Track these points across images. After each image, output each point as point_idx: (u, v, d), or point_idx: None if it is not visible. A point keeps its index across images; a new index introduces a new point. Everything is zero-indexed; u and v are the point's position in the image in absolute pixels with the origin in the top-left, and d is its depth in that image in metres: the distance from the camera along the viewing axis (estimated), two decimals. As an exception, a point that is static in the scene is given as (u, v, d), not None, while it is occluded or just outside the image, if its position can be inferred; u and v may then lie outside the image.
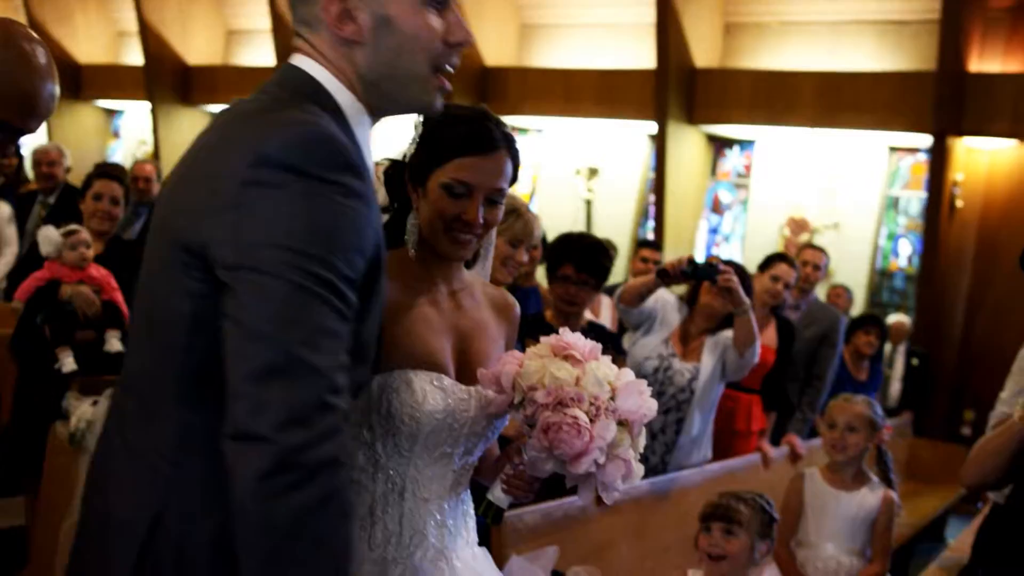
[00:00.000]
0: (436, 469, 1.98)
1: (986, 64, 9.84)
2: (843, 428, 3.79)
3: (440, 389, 1.95)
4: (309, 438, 1.31)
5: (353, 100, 1.55)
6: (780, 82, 10.89)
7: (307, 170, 1.37)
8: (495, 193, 1.96)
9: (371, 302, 1.51)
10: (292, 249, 1.34)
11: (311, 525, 1.31)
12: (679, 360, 4.45)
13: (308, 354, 1.33)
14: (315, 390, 1.33)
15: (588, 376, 1.88)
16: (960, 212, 10.03)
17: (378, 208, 1.53)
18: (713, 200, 12.25)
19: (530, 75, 12.79)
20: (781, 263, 5.31)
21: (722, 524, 3.06)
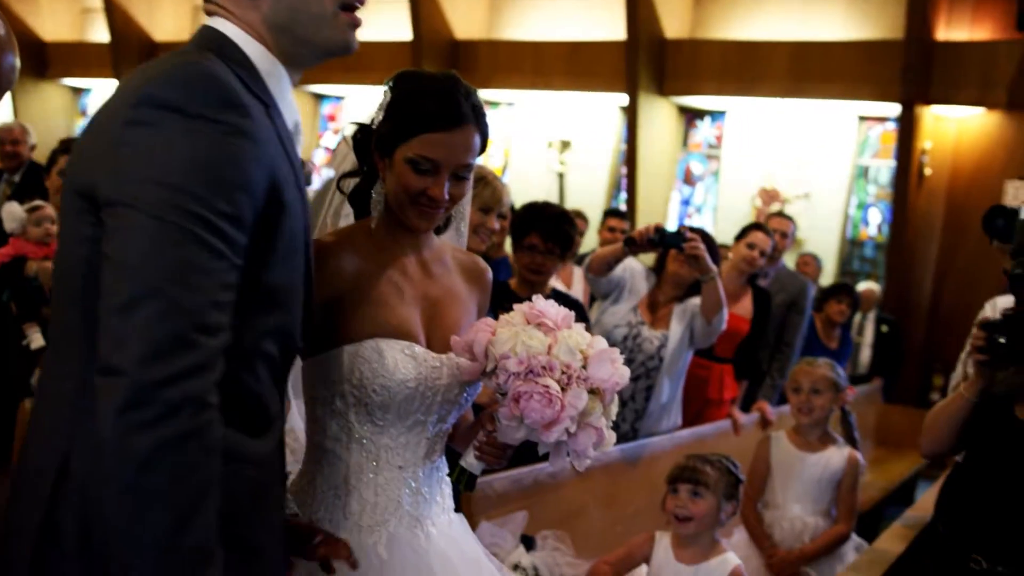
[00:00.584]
0: (410, 437, 1.98)
1: (953, 32, 9.89)
2: (808, 391, 3.84)
3: (411, 358, 1.94)
4: (169, 374, 1.30)
5: (264, 52, 1.56)
6: (750, 52, 10.91)
7: (186, 108, 1.37)
8: (461, 169, 1.95)
9: (275, 244, 1.49)
10: (165, 185, 1.33)
11: (168, 461, 1.30)
12: (648, 328, 4.48)
13: (173, 290, 1.32)
14: (178, 326, 1.31)
15: (560, 344, 1.88)
16: (928, 180, 10.11)
17: (280, 149, 1.52)
18: (685, 171, 12.28)
19: (500, 48, 12.75)
20: (757, 232, 5.34)
21: (689, 486, 3.09)
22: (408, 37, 12.77)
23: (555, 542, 3.20)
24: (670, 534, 3.16)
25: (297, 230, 1.55)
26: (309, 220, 1.65)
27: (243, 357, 1.50)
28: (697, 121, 12.19)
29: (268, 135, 1.47)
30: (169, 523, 1.30)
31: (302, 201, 1.59)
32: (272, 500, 1.63)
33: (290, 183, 1.53)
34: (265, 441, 1.59)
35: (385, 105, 1.97)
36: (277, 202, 1.48)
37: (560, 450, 1.91)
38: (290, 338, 1.62)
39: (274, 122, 1.52)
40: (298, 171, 1.58)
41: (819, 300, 6.99)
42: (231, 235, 1.38)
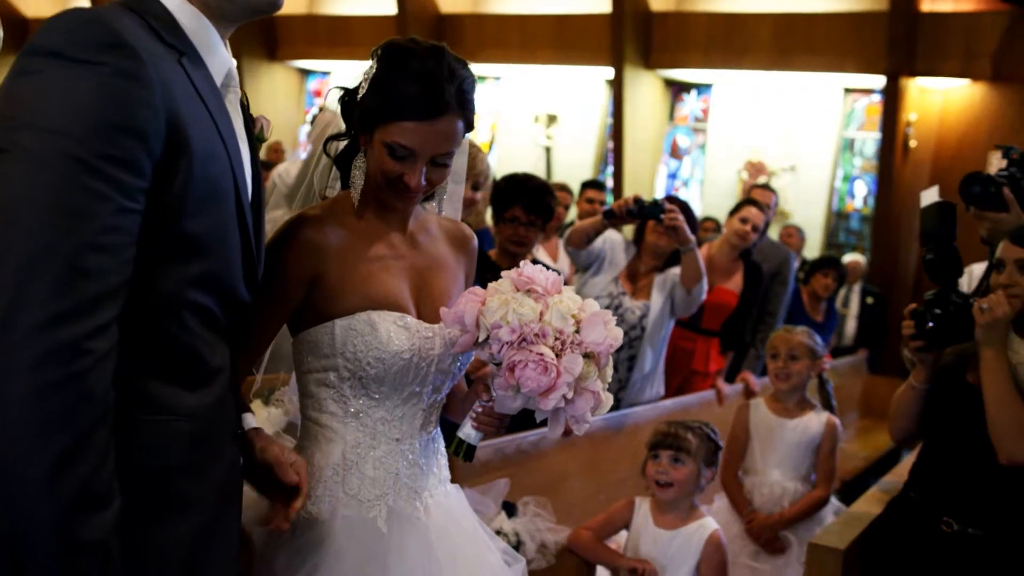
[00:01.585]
0: (406, 409, 1.98)
1: (938, 3, 9.89)
2: (785, 357, 3.87)
3: (404, 328, 1.93)
4: (40, 319, 1.27)
5: (182, 4, 1.55)
6: (736, 24, 10.90)
7: (65, 52, 1.34)
8: (441, 156, 1.91)
9: (185, 192, 1.45)
10: (43, 129, 1.31)
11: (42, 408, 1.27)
12: (629, 298, 4.51)
13: (46, 233, 1.28)
14: (50, 270, 1.28)
15: (552, 310, 1.85)
16: (914, 152, 10.14)
17: (192, 94, 1.50)
18: (671, 145, 12.28)
19: (486, 21, 12.70)
20: (750, 206, 5.36)
21: (670, 452, 3.13)
22: (393, 11, 12.71)
23: (536, 508, 3.23)
24: (650, 500, 3.20)
25: (216, 177, 1.52)
26: (243, 169, 1.62)
27: (165, 306, 1.48)
28: (683, 94, 12.18)
29: (171, 80, 1.44)
30: (47, 470, 1.27)
31: (228, 149, 1.56)
32: (211, 453, 1.60)
33: (205, 129, 1.50)
34: (202, 394, 1.57)
35: (369, 78, 1.91)
36: (180, 148, 1.43)
37: (558, 416, 1.88)
38: (225, 288, 1.60)
39: (186, 69, 1.50)
40: (219, 119, 1.55)
41: (806, 273, 7.03)
42: (118, 177, 1.34)
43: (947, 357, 2.82)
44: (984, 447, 2.61)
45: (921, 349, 2.79)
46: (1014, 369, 2.62)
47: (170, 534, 1.52)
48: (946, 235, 2.80)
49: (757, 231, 5.32)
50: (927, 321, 2.74)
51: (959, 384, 2.77)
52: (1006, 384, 2.58)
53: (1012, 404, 2.57)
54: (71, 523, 1.30)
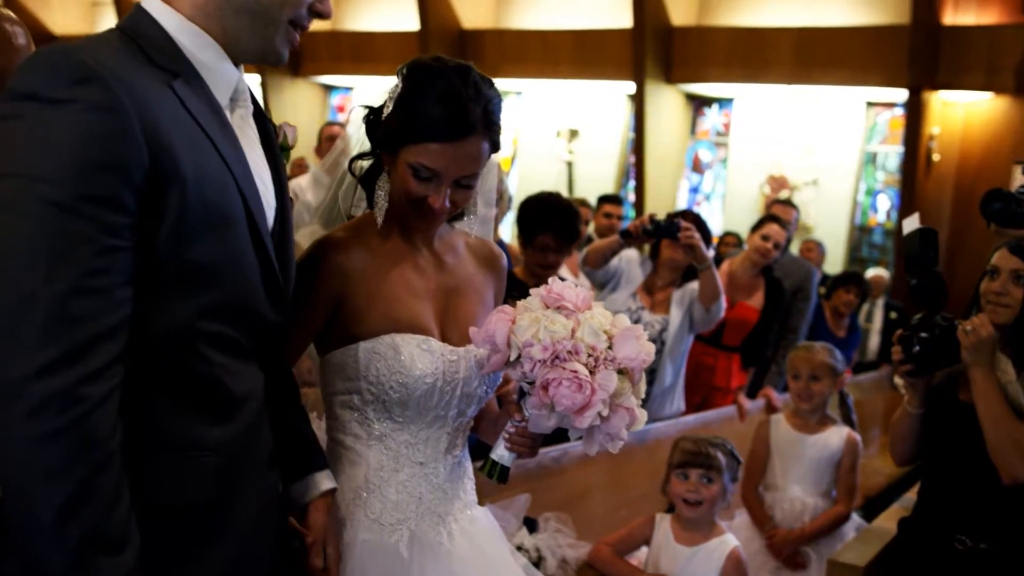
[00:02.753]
0: (430, 432, 1.96)
1: (960, 16, 9.87)
2: (807, 378, 3.87)
3: (428, 352, 1.90)
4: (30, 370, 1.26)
5: (182, 23, 1.51)
6: (757, 38, 10.91)
7: (39, 93, 1.32)
8: (465, 178, 1.89)
9: (181, 220, 1.41)
10: (19, 175, 1.29)
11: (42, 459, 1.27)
12: (648, 312, 4.52)
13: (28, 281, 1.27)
14: (35, 319, 1.27)
15: (583, 327, 1.80)
16: (937, 166, 10.10)
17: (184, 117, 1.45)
18: (693, 159, 12.29)
19: (507, 37, 12.76)
20: (772, 223, 5.34)
21: (701, 470, 3.12)
22: (416, 27, 12.80)
23: (557, 524, 3.25)
24: (670, 516, 3.20)
25: (218, 202, 1.46)
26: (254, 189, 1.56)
27: (179, 338, 1.45)
28: (705, 108, 12.19)
29: (155, 105, 1.39)
30: (53, 518, 1.27)
31: (233, 171, 1.50)
32: (241, 486, 1.56)
33: (200, 152, 1.45)
34: (228, 426, 1.53)
35: (395, 97, 1.89)
36: (168, 176, 1.38)
37: (593, 434, 1.83)
38: (245, 314, 1.55)
39: (177, 92, 1.45)
40: (221, 140, 1.50)
41: (828, 289, 7.00)
42: (100, 216, 1.31)
43: (938, 377, 2.85)
44: (986, 464, 2.63)
45: (911, 373, 2.81)
46: (1004, 388, 2.64)
47: (197, 572, 1.50)
48: (929, 260, 2.83)
49: (778, 248, 5.31)
50: (914, 345, 2.75)
51: (953, 404, 2.79)
52: (999, 404, 2.60)
53: (1007, 423, 2.59)
54: (84, 569, 1.30)
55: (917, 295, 2.84)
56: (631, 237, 4.39)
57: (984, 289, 2.75)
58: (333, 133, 6.30)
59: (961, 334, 2.66)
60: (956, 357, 2.70)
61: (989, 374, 2.63)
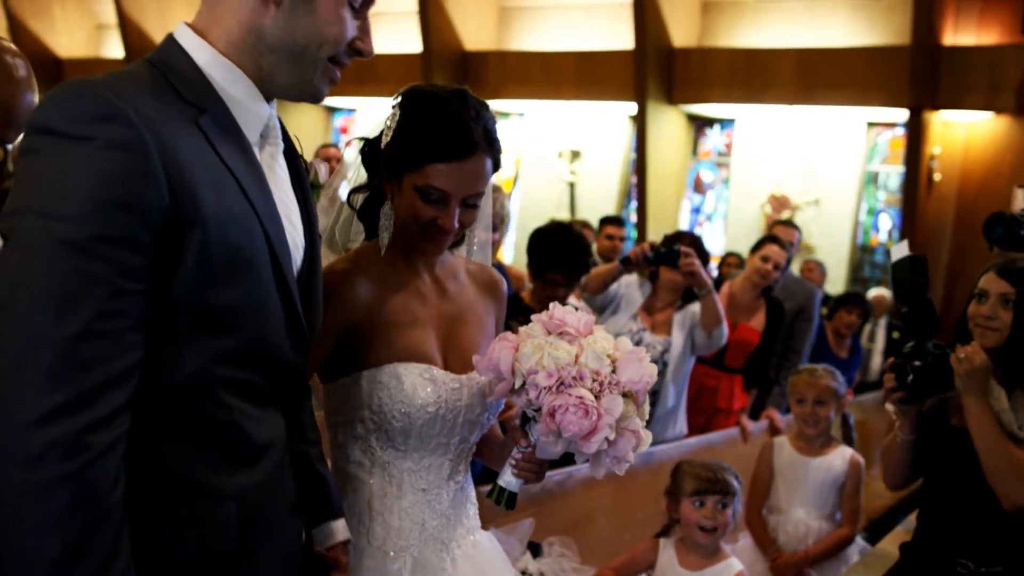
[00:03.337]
0: (433, 459, 1.96)
1: (960, 37, 9.92)
2: (812, 402, 3.87)
3: (430, 381, 1.91)
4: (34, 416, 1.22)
5: (215, 57, 1.47)
6: (758, 59, 10.96)
7: (59, 128, 1.28)
8: (472, 197, 1.90)
9: (202, 262, 1.36)
10: (37, 212, 1.26)
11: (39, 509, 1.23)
12: (649, 334, 4.53)
13: (36, 323, 1.23)
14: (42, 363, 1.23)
15: (587, 352, 1.81)
16: (938, 185, 10.13)
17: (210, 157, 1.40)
18: (695, 179, 12.32)
19: (510, 58, 12.83)
20: (772, 244, 5.34)
21: (717, 497, 3.12)
22: (418, 49, 12.87)
23: (560, 548, 3.25)
24: (674, 541, 3.20)
25: (241, 244, 1.42)
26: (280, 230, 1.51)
27: (197, 384, 1.40)
28: (706, 129, 12.24)
29: (179, 144, 1.35)
30: (47, 570, 1.22)
31: (258, 212, 1.45)
32: (264, 534, 1.52)
33: (224, 193, 1.40)
34: (250, 473, 1.48)
35: (394, 126, 1.90)
36: (189, 217, 1.34)
37: (600, 458, 1.84)
38: (266, 359, 1.50)
39: (204, 129, 1.40)
40: (247, 180, 1.45)
41: (830, 310, 7.01)
42: (115, 257, 1.27)
43: (928, 402, 2.86)
44: (984, 488, 2.63)
45: (903, 401, 2.81)
46: (997, 416, 2.64)
47: None
48: (919, 288, 2.84)
49: (779, 269, 5.32)
50: (908, 374, 2.76)
51: (945, 428, 2.80)
52: (994, 431, 2.60)
53: (1004, 450, 2.59)
54: None
55: (909, 322, 2.85)
56: (631, 264, 4.42)
57: (972, 312, 2.76)
58: (328, 155, 6.33)
59: (955, 361, 2.67)
60: (950, 384, 2.70)
61: (982, 401, 2.64)
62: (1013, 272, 2.71)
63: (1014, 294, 2.68)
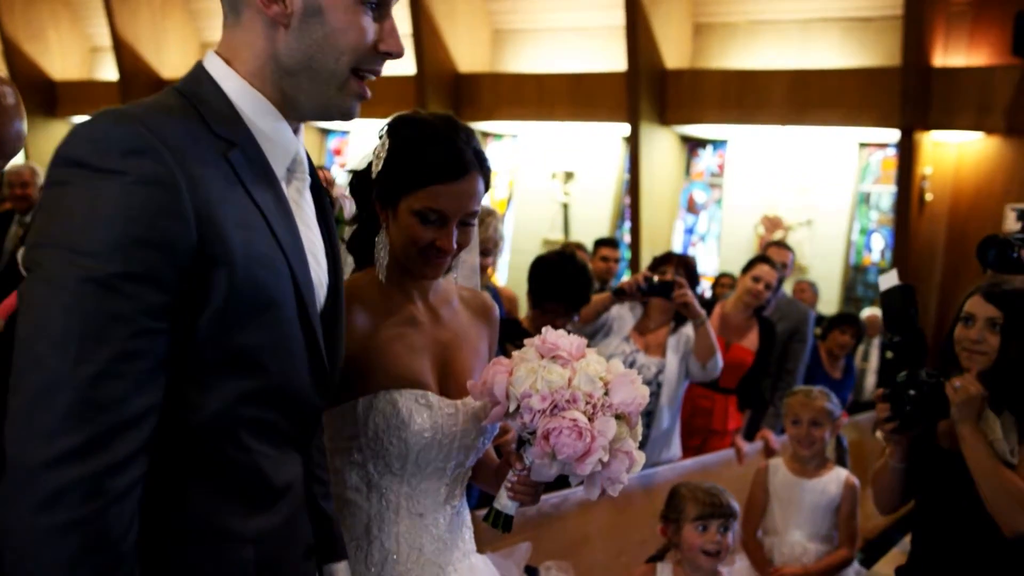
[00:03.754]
0: (429, 484, 1.98)
1: (950, 58, 9.99)
2: (808, 424, 3.89)
3: (426, 407, 1.93)
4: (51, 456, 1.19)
5: (246, 89, 1.44)
6: (750, 81, 11.02)
7: (89, 161, 1.25)
8: (468, 216, 1.94)
9: (227, 302, 1.33)
10: (63, 247, 1.23)
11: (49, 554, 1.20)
12: (643, 355, 4.54)
13: (58, 362, 1.20)
14: (62, 403, 1.20)
15: (579, 375, 1.85)
16: (930, 205, 10.18)
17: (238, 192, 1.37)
18: (688, 200, 12.36)
19: (503, 80, 12.88)
20: (763, 264, 5.37)
21: (720, 521, 3.13)
22: (412, 71, 12.92)
23: (558, 572, 3.25)
24: (672, 565, 3.20)
25: (268, 283, 1.38)
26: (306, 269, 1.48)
27: (217, 426, 1.36)
28: (699, 150, 12.29)
29: (209, 180, 1.32)
30: None
31: (286, 251, 1.42)
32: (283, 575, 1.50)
33: (253, 231, 1.37)
34: (268, 515, 1.45)
35: (384, 154, 1.93)
36: (216, 256, 1.31)
37: (594, 480, 1.88)
38: (289, 400, 1.46)
39: (233, 165, 1.37)
40: (275, 218, 1.42)
41: (824, 330, 7.03)
42: (140, 296, 1.24)
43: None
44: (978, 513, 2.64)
45: (896, 430, 2.82)
46: (991, 444, 2.65)
47: None
48: (910, 317, 2.85)
49: (770, 289, 5.34)
50: (905, 404, 2.76)
51: (935, 451, 2.81)
52: (990, 460, 2.62)
53: (1001, 478, 2.61)
54: None
55: (900, 352, 2.87)
56: (624, 295, 4.45)
57: (959, 336, 2.77)
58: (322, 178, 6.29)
59: (950, 390, 2.68)
60: (945, 413, 2.71)
61: (977, 430, 2.65)
62: (999, 296, 2.73)
63: (1001, 318, 2.70)
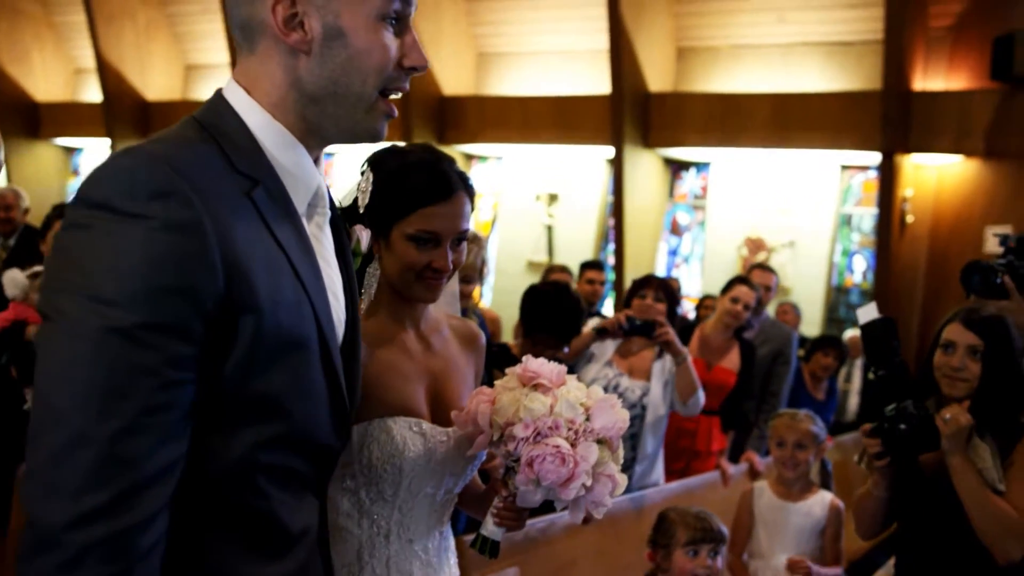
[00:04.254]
0: (420, 510, 2.01)
1: (930, 82, 10.10)
2: (793, 446, 3.92)
3: (420, 435, 1.96)
4: (75, 515, 1.16)
5: (270, 122, 1.38)
6: (732, 104, 11.11)
7: (113, 204, 1.20)
8: (460, 235, 1.99)
9: (251, 348, 1.28)
10: (85, 295, 1.18)
11: None
12: (627, 378, 4.56)
13: (81, 417, 1.16)
14: (85, 460, 1.15)
15: (561, 402, 1.90)
16: (911, 227, 10.26)
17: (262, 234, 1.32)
18: (671, 222, 12.42)
19: (488, 103, 12.93)
20: (741, 285, 5.42)
21: (711, 545, 3.15)
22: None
23: (545, 597, 3.26)
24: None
25: (291, 326, 1.33)
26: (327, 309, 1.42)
27: (236, 474, 1.32)
28: (682, 172, 12.36)
29: (235, 222, 1.27)
30: None
31: (309, 292, 1.37)
32: None
33: (278, 273, 1.32)
34: (283, 562, 1.41)
35: (370, 187, 1.98)
36: (242, 303, 1.26)
37: (579, 503, 1.93)
38: (309, 444, 1.42)
39: (257, 204, 1.32)
40: (298, 258, 1.37)
41: (807, 352, 7.08)
42: (166, 346, 1.19)
43: None
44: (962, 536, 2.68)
45: (881, 457, 2.83)
46: (980, 472, 2.69)
47: None
48: (892, 350, 2.88)
49: (749, 309, 5.38)
50: (896, 437, 2.78)
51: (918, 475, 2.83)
52: (981, 490, 2.66)
53: (992, 508, 2.64)
54: None
55: (886, 386, 2.89)
56: (606, 334, 4.49)
57: (940, 363, 2.81)
58: None
59: (940, 423, 2.71)
60: (936, 445, 2.74)
61: (967, 460, 2.69)
62: (979, 323, 2.77)
63: (982, 346, 2.74)
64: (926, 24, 10.03)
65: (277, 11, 1.35)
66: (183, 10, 15.90)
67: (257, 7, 1.36)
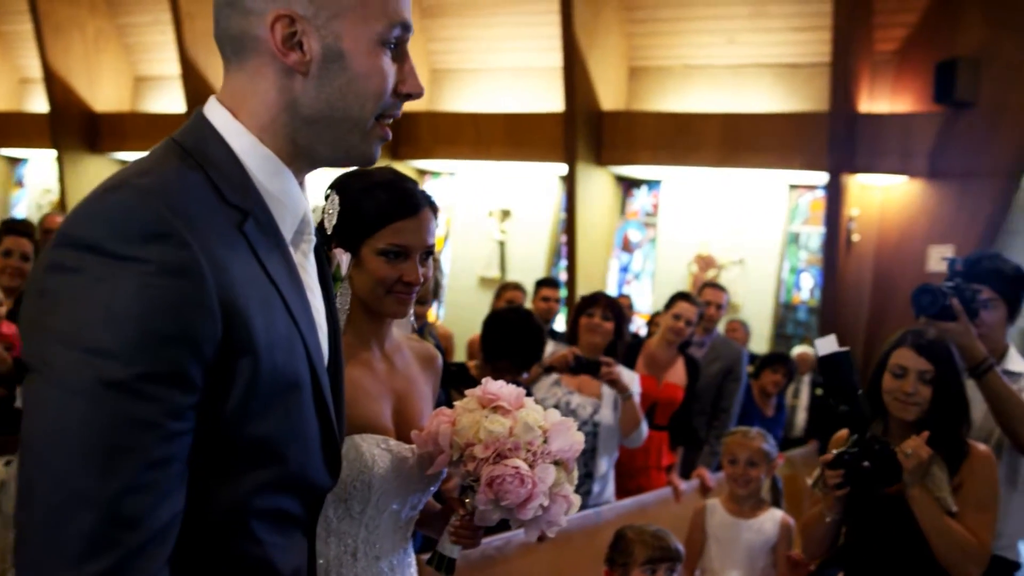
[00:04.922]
0: (386, 527, 2.05)
1: (875, 105, 10.33)
2: (744, 463, 3.98)
3: (387, 451, 2.00)
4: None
5: (256, 145, 1.31)
6: (684, 123, 11.24)
7: (104, 247, 1.11)
8: (428, 248, 2.06)
9: (249, 392, 1.22)
10: (76, 346, 1.10)
11: None
12: (578, 395, 4.59)
13: (77, 479, 1.08)
14: (83, 525, 1.08)
15: (520, 424, 1.96)
16: (857, 246, 10.46)
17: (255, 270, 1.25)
18: (623, 239, 12.53)
19: (441, 119, 12.96)
20: (682, 301, 5.48)
21: (668, 563, 3.20)
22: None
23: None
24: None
25: (285, 365, 1.27)
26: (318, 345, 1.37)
27: (228, 521, 1.25)
28: (634, 190, 12.48)
29: (229, 260, 1.20)
30: None
31: (301, 329, 1.31)
32: None
33: (271, 311, 1.26)
34: None
35: (336, 208, 2.02)
36: (239, 345, 1.19)
37: (535, 523, 1.98)
38: (303, 485, 1.35)
39: (248, 238, 1.26)
40: (290, 293, 1.30)
41: (756, 368, 7.17)
42: (165, 397, 1.12)
43: None
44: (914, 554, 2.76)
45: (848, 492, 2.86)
46: (937, 501, 2.77)
47: None
48: (853, 385, 2.90)
49: (691, 325, 5.44)
50: (859, 472, 2.81)
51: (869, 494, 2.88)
52: (941, 518, 2.74)
53: (952, 534, 2.74)
54: None
55: (849, 422, 2.93)
56: (554, 371, 4.54)
57: (891, 388, 2.88)
58: None
59: (902, 458, 2.77)
60: (898, 478, 2.79)
61: (925, 490, 2.78)
62: (928, 348, 2.85)
63: (932, 372, 2.82)
64: (872, 48, 10.26)
65: (276, 29, 1.27)
66: (133, 21, 15.74)
67: (252, 22, 1.29)
